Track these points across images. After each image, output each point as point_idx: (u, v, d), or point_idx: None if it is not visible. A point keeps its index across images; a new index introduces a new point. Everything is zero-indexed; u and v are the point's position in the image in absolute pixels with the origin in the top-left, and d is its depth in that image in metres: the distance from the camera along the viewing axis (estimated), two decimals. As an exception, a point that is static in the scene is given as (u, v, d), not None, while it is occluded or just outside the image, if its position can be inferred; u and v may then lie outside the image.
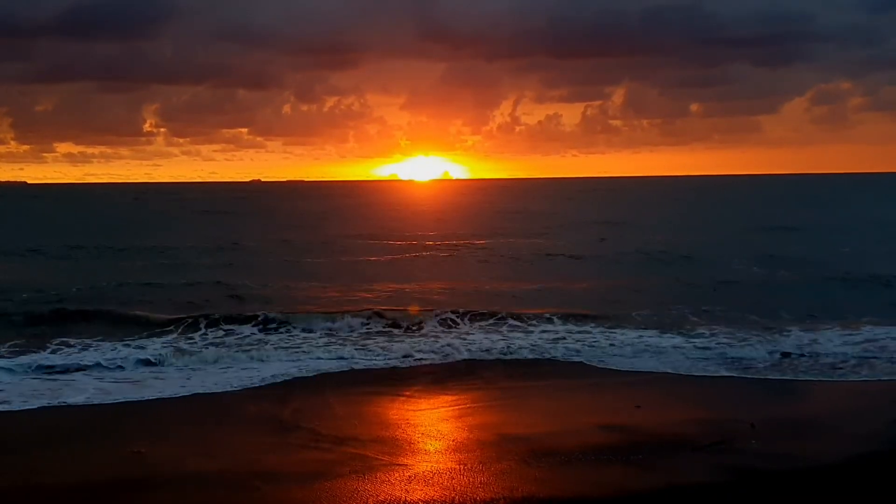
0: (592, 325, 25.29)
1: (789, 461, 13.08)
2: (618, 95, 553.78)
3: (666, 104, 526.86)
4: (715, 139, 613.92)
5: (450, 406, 17.13)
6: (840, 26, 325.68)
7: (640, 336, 23.92)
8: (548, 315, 26.13)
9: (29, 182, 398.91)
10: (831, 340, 23.19)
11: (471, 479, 12.24)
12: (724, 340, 23.31)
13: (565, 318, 25.91)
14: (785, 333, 23.99)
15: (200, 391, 18.36)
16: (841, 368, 20.38)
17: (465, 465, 12.95)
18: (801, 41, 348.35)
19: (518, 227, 67.80)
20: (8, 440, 14.67)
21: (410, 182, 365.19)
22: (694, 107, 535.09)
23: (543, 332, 24.55)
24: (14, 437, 14.88)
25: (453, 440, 14.46)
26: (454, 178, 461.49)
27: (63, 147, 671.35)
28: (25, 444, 14.39)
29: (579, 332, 24.45)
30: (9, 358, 21.21)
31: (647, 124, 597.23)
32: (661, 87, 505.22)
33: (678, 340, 23.40)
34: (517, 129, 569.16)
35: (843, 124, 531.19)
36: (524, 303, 29.47)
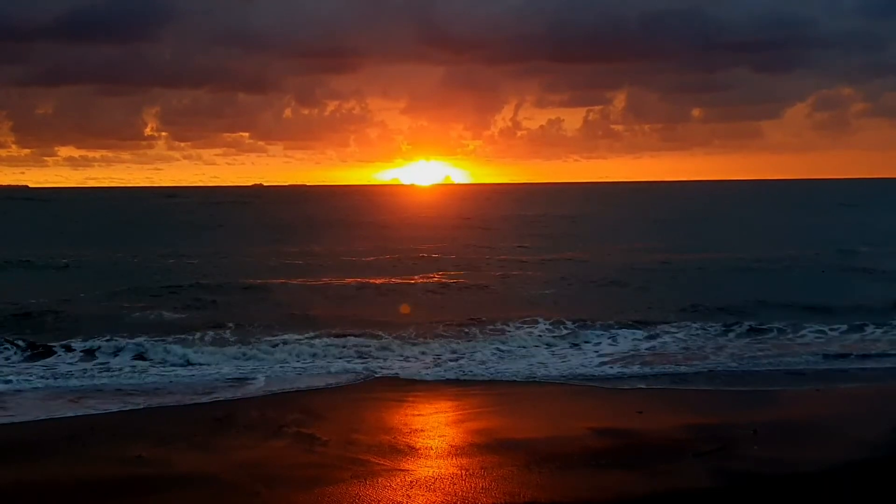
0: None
1: (792, 466, 13.09)
2: (619, 100, 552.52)
3: (667, 109, 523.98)
4: (716, 144, 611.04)
5: (451, 411, 17.23)
6: (842, 32, 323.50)
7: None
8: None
9: (31, 186, 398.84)
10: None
11: (472, 485, 12.31)
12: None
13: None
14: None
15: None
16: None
17: (467, 470, 13.02)
18: (802, 46, 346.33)
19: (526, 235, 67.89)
20: (6, 447, 14.80)
21: (413, 186, 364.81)
22: (695, 112, 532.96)
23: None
24: (13, 443, 15.00)
25: (454, 445, 14.53)
26: (456, 182, 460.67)
27: (64, 151, 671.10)
28: (25, 450, 14.51)
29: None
30: None
31: (649, 129, 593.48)
32: (661, 91, 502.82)
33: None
34: (518, 133, 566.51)
35: (844, 130, 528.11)
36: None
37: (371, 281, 37.60)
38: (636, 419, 16.14)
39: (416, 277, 39.59)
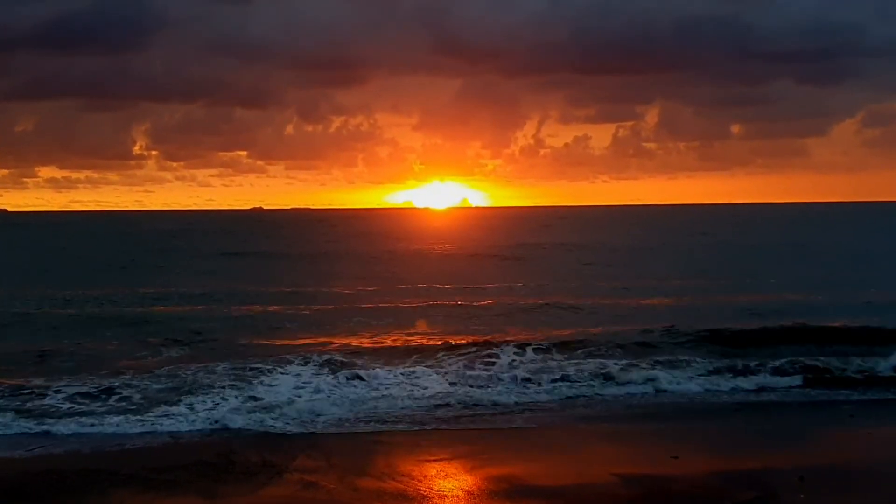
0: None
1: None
2: (651, 115, 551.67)
3: (703, 125, 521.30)
4: (758, 164, 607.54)
5: (467, 455, 17.07)
6: (894, 40, 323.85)
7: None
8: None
9: (10, 210, 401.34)
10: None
11: (489, 537, 12.22)
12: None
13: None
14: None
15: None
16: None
17: (483, 520, 12.95)
18: (851, 57, 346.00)
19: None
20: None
21: (426, 210, 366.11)
22: (734, 128, 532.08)
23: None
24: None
25: (471, 493, 14.40)
26: (474, 205, 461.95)
27: (46, 171, 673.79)
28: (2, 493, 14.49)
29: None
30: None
31: (684, 147, 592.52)
32: (697, 106, 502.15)
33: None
34: (541, 152, 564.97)
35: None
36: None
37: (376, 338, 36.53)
38: (668, 464, 15.99)
39: (418, 334, 38.81)
